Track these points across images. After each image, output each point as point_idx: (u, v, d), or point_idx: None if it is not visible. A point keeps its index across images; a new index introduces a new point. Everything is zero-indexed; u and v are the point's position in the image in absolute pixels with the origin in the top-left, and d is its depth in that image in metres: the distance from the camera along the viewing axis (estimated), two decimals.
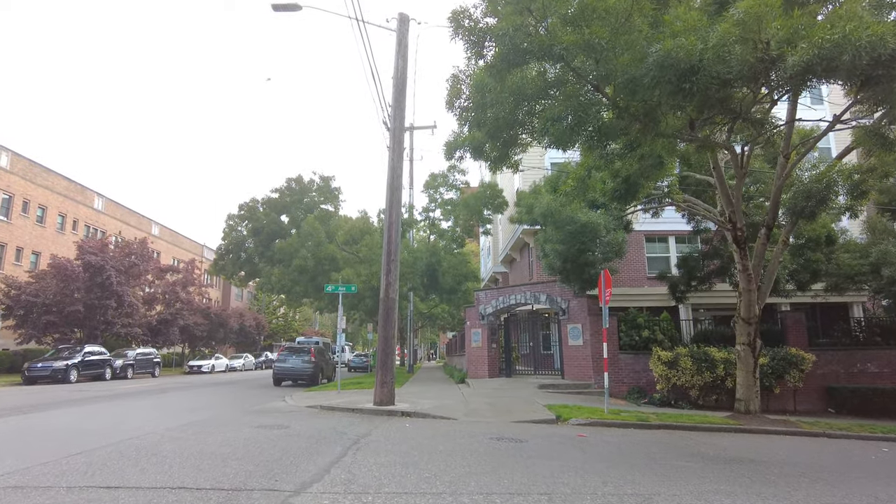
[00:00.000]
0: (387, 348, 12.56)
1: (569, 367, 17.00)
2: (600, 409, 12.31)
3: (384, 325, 12.66)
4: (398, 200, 13.25)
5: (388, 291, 12.75)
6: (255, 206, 23.82)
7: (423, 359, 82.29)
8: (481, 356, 19.23)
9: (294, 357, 22.21)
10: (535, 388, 16.01)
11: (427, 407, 12.32)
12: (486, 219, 24.37)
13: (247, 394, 18.28)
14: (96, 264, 29.05)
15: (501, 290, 19.25)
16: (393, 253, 12.93)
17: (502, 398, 14.05)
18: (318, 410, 12.68)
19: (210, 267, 25.60)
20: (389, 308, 12.68)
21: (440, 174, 24.71)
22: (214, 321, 44.66)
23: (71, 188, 38.53)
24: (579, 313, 16.81)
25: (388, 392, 12.43)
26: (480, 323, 19.47)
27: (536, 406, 12.69)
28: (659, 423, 11.20)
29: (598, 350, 16.45)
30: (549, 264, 14.48)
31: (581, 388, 16.17)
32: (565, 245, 13.63)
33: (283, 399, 15.20)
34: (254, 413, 12.11)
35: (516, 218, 17.80)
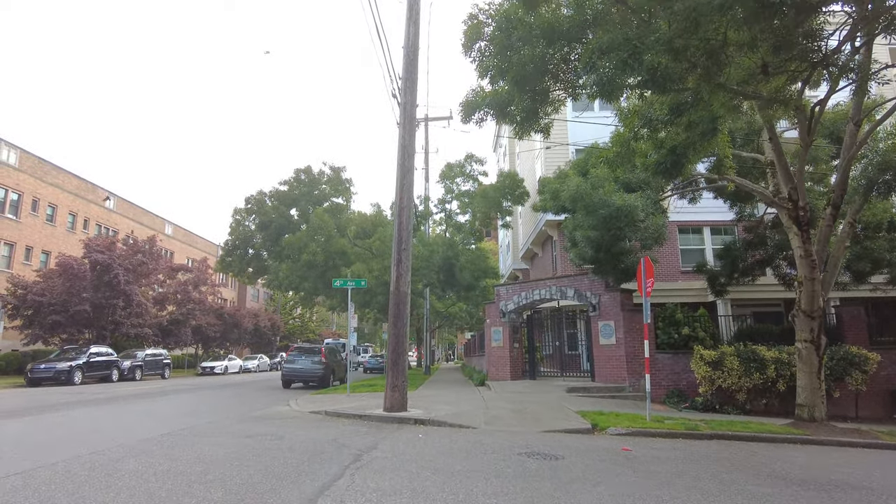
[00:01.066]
0: (398, 347, 11.19)
1: (600, 369, 15.46)
2: (641, 416, 10.80)
3: (395, 321, 11.30)
4: (410, 183, 11.88)
5: (399, 284, 11.38)
6: (263, 200, 22.68)
7: (440, 360, 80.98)
8: (503, 356, 17.77)
9: (304, 358, 20.98)
10: (562, 392, 14.51)
11: (443, 413, 10.92)
12: (507, 210, 22.88)
13: (252, 397, 17.08)
14: (103, 263, 28.23)
15: (524, 286, 17.77)
16: (404, 241, 11.57)
17: (527, 403, 12.58)
18: (322, 417, 11.36)
19: (216, 264, 24.50)
20: (400, 302, 11.31)
21: (457, 164, 23.31)
22: (228, 322, 43.82)
23: (81, 186, 37.96)
24: (611, 309, 15.27)
25: (400, 397, 11.05)
26: (501, 321, 18.01)
27: (567, 412, 11.21)
28: (711, 432, 9.66)
29: (632, 349, 14.91)
30: (580, 254, 12.98)
31: (614, 391, 14.63)
32: (598, 231, 12.13)
33: (288, 403, 13.93)
34: (251, 420, 10.83)
35: (540, 206, 16.33)
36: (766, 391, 13.38)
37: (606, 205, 12.15)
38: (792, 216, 10.31)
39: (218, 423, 10.32)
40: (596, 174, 12.75)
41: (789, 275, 17.00)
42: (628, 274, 13.52)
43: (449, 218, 23.88)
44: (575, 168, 14.06)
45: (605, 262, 12.99)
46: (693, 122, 8.97)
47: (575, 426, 9.77)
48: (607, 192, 12.31)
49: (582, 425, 9.84)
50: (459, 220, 24.06)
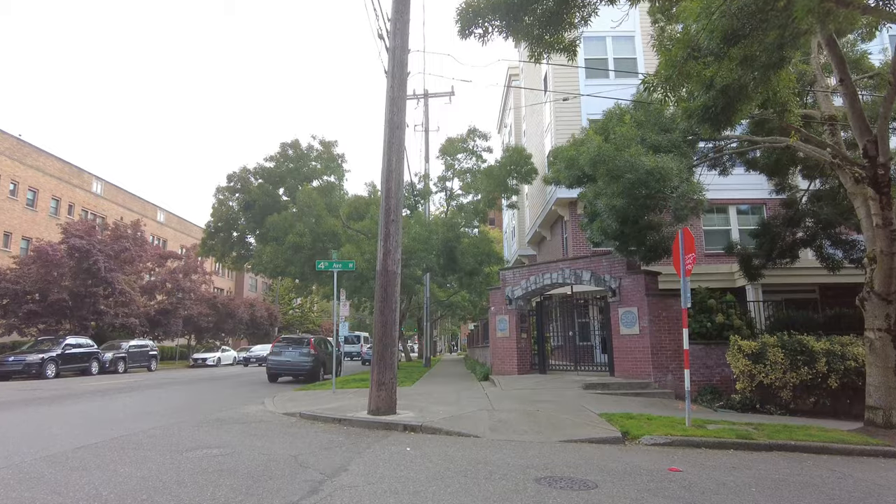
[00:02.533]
0: (385, 338, 9.33)
1: (620, 362, 13.58)
2: (677, 420, 8.94)
3: (382, 306, 9.42)
4: (399, 141, 9.95)
5: (387, 262, 9.50)
6: (247, 177, 20.77)
7: (443, 351, 79.30)
8: (509, 348, 15.90)
9: (291, 349, 19.18)
10: (578, 389, 12.65)
11: (439, 416, 9.06)
12: (513, 189, 20.94)
13: (229, 393, 15.31)
14: (82, 249, 26.45)
15: (533, 269, 15.86)
16: (393, 211, 9.67)
17: (540, 403, 10.72)
18: (295, 420, 9.55)
19: (198, 248, 22.68)
20: (388, 284, 9.43)
21: (458, 138, 21.31)
22: (222, 311, 42.12)
23: (65, 170, 36.15)
24: (634, 294, 13.36)
25: (387, 396, 9.20)
26: (507, 308, 16.13)
27: (589, 415, 9.34)
28: (768, 441, 7.78)
29: (658, 340, 13.02)
30: (601, 228, 11.05)
31: (637, 388, 12.76)
32: (624, 199, 10.19)
33: (263, 401, 12.13)
34: (209, 424, 9.03)
35: (551, 177, 14.38)
36: (815, 388, 11.52)
37: (634, 168, 10.21)
38: (868, 175, 8.34)
39: (168, 428, 8.51)
40: (621, 133, 10.80)
41: (833, 256, 15.07)
42: (657, 251, 11.60)
43: (450, 198, 21.92)
44: (597, 129, 12.08)
45: (631, 238, 11.06)
46: (749, 58, 7.03)
47: (602, 434, 7.91)
48: (634, 154, 10.36)
49: (610, 433, 7.97)
50: (462, 200, 22.14)
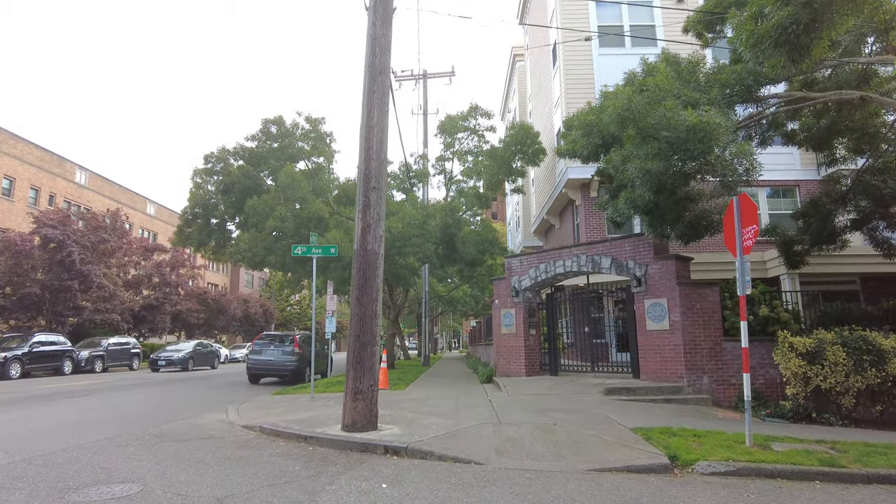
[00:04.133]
0: (363, 334, 7.42)
1: (647, 362, 11.66)
2: (731, 438, 7.08)
3: (359, 294, 7.52)
4: (383, 90, 8.02)
5: (366, 239, 7.59)
6: (226, 158, 18.82)
7: (443, 349, 77.33)
8: (516, 346, 13.99)
9: (273, 348, 17.31)
10: (598, 395, 10.74)
11: (432, 433, 7.15)
12: (518, 171, 18.98)
13: (199, 396, 13.47)
14: (55, 239, 24.59)
15: (543, 256, 13.92)
16: (374, 176, 7.76)
17: (556, 413, 8.82)
18: (253, 436, 7.67)
19: (173, 236, 20.82)
20: (368, 266, 7.54)
21: (459, 115, 19.32)
22: (212, 307, 40.32)
23: (46, 158, 34.28)
24: (663, 283, 11.44)
25: (366, 408, 7.30)
26: (514, 301, 14.21)
27: (619, 430, 7.44)
28: (865, 471, 5.88)
29: (693, 336, 11.10)
30: (630, 200, 9.08)
31: (668, 393, 10.85)
32: (661, 163, 8.24)
33: (227, 409, 10.25)
34: (142, 441, 7.17)
35: (565, 149, 12.45)
36: (884, 394, 9.62)
37: (672, 125, 8.27)
38: None
39: (84, 449, 6.65)
40: (655, 84, 8.85)
41: (890, 240, 13.13)
42: (696, 228, 9.68)
43: (450, 181, 19.93)
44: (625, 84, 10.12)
45: (667, 211, 9.12)
46: None
47: (642, 459, 6.01)
48: (670, 108, 8.42)
49: (652, 457, 6.07)
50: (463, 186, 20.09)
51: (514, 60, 32.05)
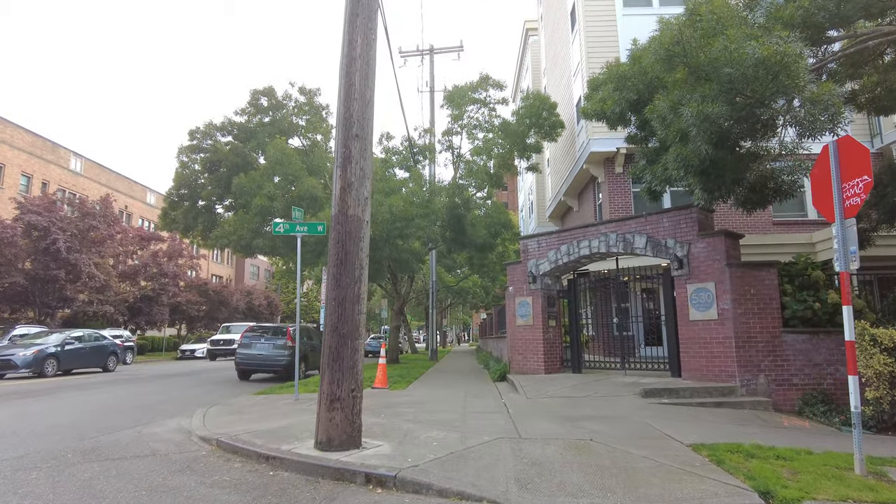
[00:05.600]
0: (342, 324, 5.73)
1: (690, 358, 9.87)
2: (824, 459, 5.35)
3: (337, 273, 5.82)
4: (368, 14, 6.27)
5: (346, 201, 5.89)
6: (213, 133, 17.14)
7: (453, 342, 75.71)
8: (533, 339, 12.26)
9: (263, 341, 15.72)
10: (635, 397, 9.00)
11: (431, 452, 5.45)
12: (533, 146, 17.15)
13: (174, 395, 11.90)
14: (40, 226, 23.18)
15: (565, 235, 12.14)
16: (357, 121, 6.04)
17: (588, 421, 7.10)
18: (205, 454, 6.03)
19: (158, 220, 19.25)
20: (348, 236, 5.84)
21: (467, 85, 17.47)
22: (214, 299, 38.92)
23: (38, 144, 32.93)
24: (709, 264, 9.64)
25: (345, 420, 5.61)
26: (530, 288, 12.46)
27: (676, 448, 5.70)
28: None
29: (746, 327, 9.30)
30: (680, 157, 7.24)
31: (717, 395, 9.08)
32: (724, 106, 6.43)
33: (193, 414, 8.62)
34: (63, 460, 5.58)
35: (591, 110, 10.64)
36: None
37: (736, 59, 6.45)
38: None
39: None
40: (712, 9, 7.01)
41: None
42: (762, 193, 7.87)
43: (458, 158, 18.10)
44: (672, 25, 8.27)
45: (727, 170, 7.28)
46: None
47: (723, 497, 4.27)
48: (733, 38, 6.60)
49: (738, 495, 4.34)
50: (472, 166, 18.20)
51: (526, 35, 30.12)
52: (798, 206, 16.13)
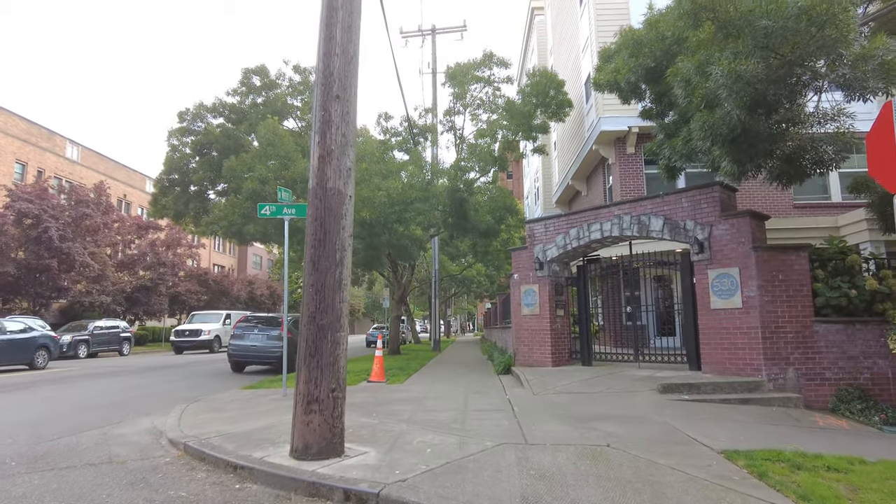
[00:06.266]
0: (320, 314, 4.97)
1: (711, 350, 9.08)
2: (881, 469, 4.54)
3: (315, 255, 5.07)
4: None
5: (325, 172, 5.12)
6: (203, 115, 16.35)
7: (457, 332, 75.04)
8: (539, 330, 11.49)
9: (257, 332, 15.02)
10: (652, 393, 8.24)
11: (423, 462, 4.71)
12: (540, 126, 16.28)
13: (158, 389, 11.24)
14: (31, 214, 22.54)
15: (574, 218, 11.33)
16: (338, 81, 5.25)
17: (603, 422, 6.36)
18: (171, 459, 5.35)
19: (149, 207, 18.55)
20: (329, 212, 5.07)
21: (471, 63, 16.58)
22: (214, 289, 38.33)
23: (32, 131, 32.25)
24: (733, 248, 8.82)
25: (325, 424, 4.87)
26: (537, 275, 11.68)
27: (706, 455, 4.94)
28: None
29: (774, 316, 8.51)
30: (707, 125, 6.38)
31: (742, 390, 8.30)
32: (760, 64, 5.58)
33: (170, 412, 7.92)
34: (4, 468, 4.85)
35: (604, 80, 9.77)
36: None
37: (773, 10, 5.59)
38: None
39: None
40: None
41: None
42: (799, 166, 7.01)
43: (461, 140, 17.22)
44: None
45: (760, 139, 6.43)
46: None
47: None
48: None
49: None
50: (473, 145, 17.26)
51: (532, 15, 29.07)
52: (820, 189, 15.23)
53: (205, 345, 25.90)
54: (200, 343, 25.79)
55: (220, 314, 28.39)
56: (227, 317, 27.94)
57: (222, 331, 26.53)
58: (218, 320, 27.43)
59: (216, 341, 26.27)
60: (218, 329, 26.65)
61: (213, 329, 26.42)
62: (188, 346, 25.81)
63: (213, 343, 26.13)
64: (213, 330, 26.37)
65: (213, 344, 26.06)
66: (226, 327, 26.68)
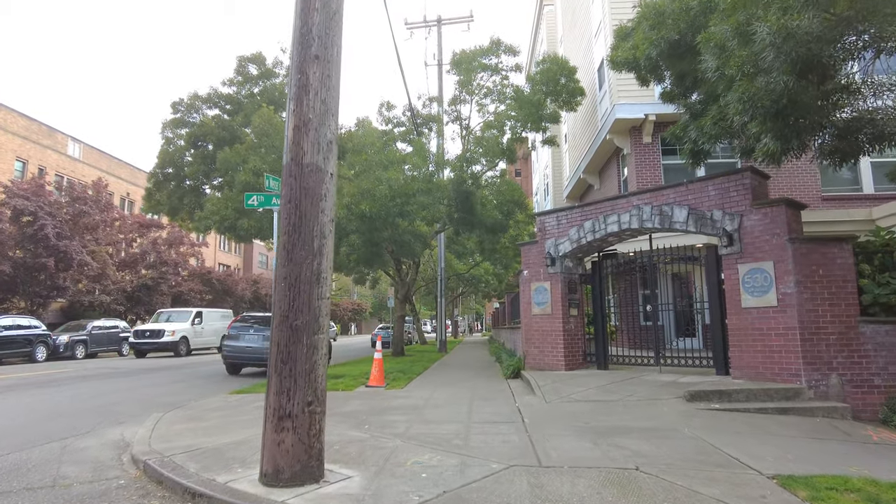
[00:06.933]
0: (294, 312, 4.19)
1: (742, 352, 8.21)
2: None
3: (290, 242, 4.28)
4: None
5: (301, 146, 4.33)
6: (197, 105, 15.70)
7: (465, 332, 74.14)
8: (551, 331, 10.66)
9: (252, 332, 14.30)
10: (678, 401, 7.40)
11: (416, 490, 3.91)
12: (550, 115, 15.43)
13: (141, 394, 10.52)
14: (27, 211, 22.00)
15: (588, 210, 10.49)
16: (316, 37, 4.47)
17: (627, 438, 5.54)
18: (127, 482, 4.58)
19: (143, 202, 17.88)
20: (305, 193, 4.29)
21: (477, 50, 15.74)
22: (218, 288, 37.78)
23: (33, 129, 31.80)
24: (767, 240, 7.96)
25: (299, 444, 4.07)
26: (548, 272, 10.85)
27: (756, 483, 4.11)
28: None
29: (814, 315, 7.64)
30: (747, 95, 5.53)
31: (779, 397, 7.44)
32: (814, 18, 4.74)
33: (146, 419, 7.18)
34: None
35: (622, 58, 8.93)
36: None
37: None
38: None
39: None
40: None
41: None
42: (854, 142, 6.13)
43: (467, 132, 16.34)
44: None
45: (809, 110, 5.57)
46: None
47: None
48: None
49: None
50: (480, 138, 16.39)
51: (541, 6, 28.23)
52: (851, 180, 14.29)
53: (168, 347, 22.48)
54: (163, 345, 22.36)
55: (188, 312, 24.83)
56: (198, 315, 24.73)
57: (190, 331, 23.62)
58: (186, 319, 24.02)
59: (182, 343, 23.06)
60: (185, 329, 23.35)
61: (179, 329, 23.04)
62: (150, 349, 22.50)
63: (179, 345, 22.79)
64: (179, 330, 23.00)
65: (178, 346, 22.73)
66: (195, 327, 23.98)
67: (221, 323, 25.14)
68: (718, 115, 7.06)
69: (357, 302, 77.49)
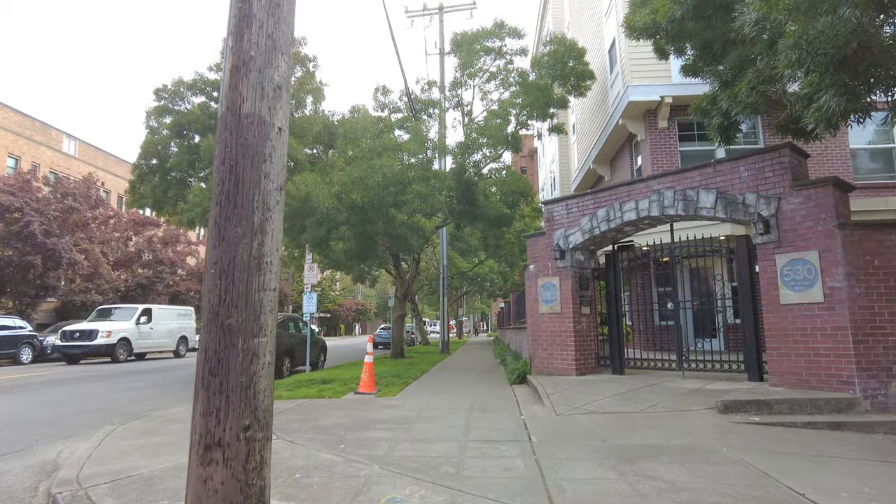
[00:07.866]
0: (228, 309, 3.15)
1: (780, 357, 7.15)
2: None
3: (223, 215, 3.25)
4: None
5: (239, 92, 3.31)
6: (182, 92, 14.77)
7: (470, 332, 73.03)
8: (561, 331, 9.61)
9: None
10: (710, 413, 6.35)
11: None
12: (557, 99, 14.39)
13: (111, 401, 9.61)
14: (12, 208, 21.17)
15: (602, 196, 9.42)
16: None
17: (656, 462, 4.52)
18: None
19: (127, 196, 16.96)
20: (242, 151, 3.26)
21: (479, 31, 14.70)
22: None
23: (26, 124, 31.04)
24: (810, 227, 6.91)
25: (232, 481, 3.04)
26: (557, 266, 9.80)
27: None
28: None
29: (868, 312, 6.58)
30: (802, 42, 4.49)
31: (829, 409, 6.39)
32: None
33: (95, 435, 6.22)
34: None
35: (642, 23, 7.89)
36: None
37: None
38: None
39: None
40: None
41: None
42: None
43: (469, 120, 15.31)
44: None
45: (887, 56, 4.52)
46: None
47: None
48: None
49: None
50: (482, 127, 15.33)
51: None
52: (886, 167, 13.18)
53: (101, 351, 18.66)
54: (94, 349, 18.49)
55: (133, 309, 20.93)
56: (145, 313, 20.86)
57: (133, 332, 19.90)
58: (129, 317, 20.20)
59: (122, 346, 19.27)
60: (125, 330, 19.56)
61: (118, 329, 19.27)
62: (82, 354, 18.59)
63: (117, 349, 19.00)
64: (118, 331, 19.21)
65: (115, 350, 18.91)
66: (140, 327, 20.32)
67: (177, 322, 22.74)
68: (756, 80, 6.00)
69: (361, 302, 76.76)
